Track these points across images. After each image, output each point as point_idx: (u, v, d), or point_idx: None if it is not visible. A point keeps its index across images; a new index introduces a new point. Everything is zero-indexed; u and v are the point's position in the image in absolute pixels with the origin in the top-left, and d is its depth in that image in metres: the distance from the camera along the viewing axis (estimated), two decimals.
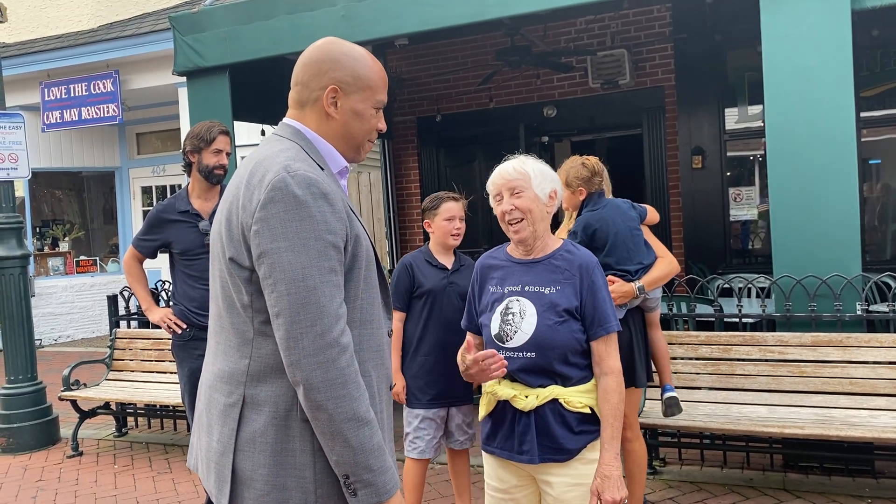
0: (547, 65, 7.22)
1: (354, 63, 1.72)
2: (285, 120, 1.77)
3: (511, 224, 2.28)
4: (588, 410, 2.23)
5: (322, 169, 1.66)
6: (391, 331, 1.82)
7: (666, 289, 4.71)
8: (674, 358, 4.27)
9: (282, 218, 1.53)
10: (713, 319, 4.59)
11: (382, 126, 1.79)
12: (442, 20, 4.92)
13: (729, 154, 7.49)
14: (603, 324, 2.22)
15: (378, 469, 1.56)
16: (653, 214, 3.84)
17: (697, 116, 7.46)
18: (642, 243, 3.46)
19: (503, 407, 2.27)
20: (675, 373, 4.25)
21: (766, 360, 4.08)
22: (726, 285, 5.16)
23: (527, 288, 2.27)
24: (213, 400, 1.69)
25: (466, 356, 2.23)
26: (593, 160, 3.55)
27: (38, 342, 10.40)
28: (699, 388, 4.21)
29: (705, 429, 3.88)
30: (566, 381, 2.22)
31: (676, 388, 4.21)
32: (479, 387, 2.41)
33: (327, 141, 1.73)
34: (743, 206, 7.48)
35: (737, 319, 4.41)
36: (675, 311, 4.59)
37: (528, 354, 2.21)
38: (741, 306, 4.37)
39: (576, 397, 2.21)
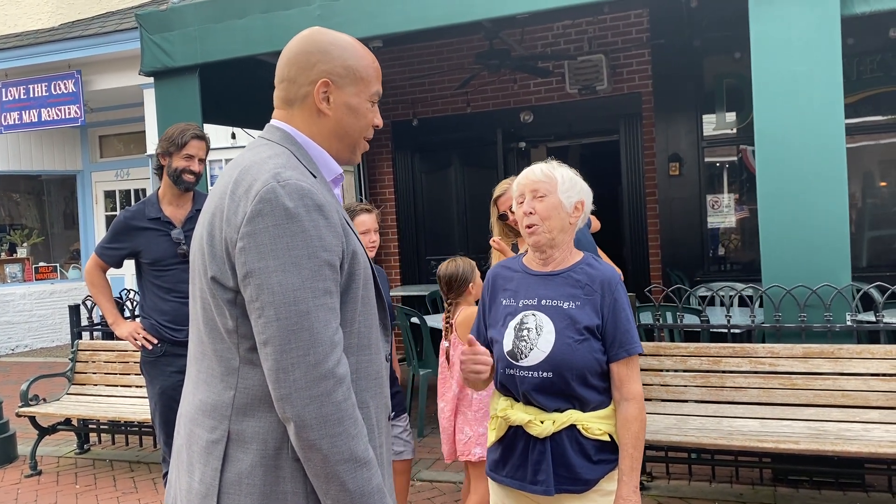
0: (525, 69, 7.11)
1: (344, 52, 1.55)
2: (273, 122, 1.58)
3: (527, 227, 2.12)
4: (607, 438, 2.06)
5: (315, 177, 1.48)
6: (389, 355, 1.65)
7: (650, 298, 4.63)
8: (662, 370, 4.17)
9: (271, 233, 1.35)
10: (699, 330, 4.50)
11: (379, 121, 1.62)
12: (423, 21, 4.77)
13: (706, 161, 7.46)
14: (625, 345, 2.06)
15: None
16: (595, 223, 3.81)
17: (675, 123, 7.41)
18: (593, 251, 3.43)
19: (514, 433, 2.10)
20: (664, 385, 4.15)
21: (757, 373, 3.99)
22: (711, 294, 5.09)
23: (544, 302, 2.10)
24: (194, 435, 1.50)
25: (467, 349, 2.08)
26: None
27: None
28: (688, 402, 4.11)
29: (699, 444, 3.76)
30: (584, 406, 2.06)
31: (665, 401, 4.12)
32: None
33: (320, 143, 1.56)
34: (720, 214, 7.44)
35: (725, 330, 4.32)
36: (661, 321, 4.49)
37: (545, 374, 2.03)
38: (730, 316, 4.28)
39: (595, 423, 2.05)
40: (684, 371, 4.15)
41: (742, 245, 7.44)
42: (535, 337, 2.06)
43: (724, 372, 4.06)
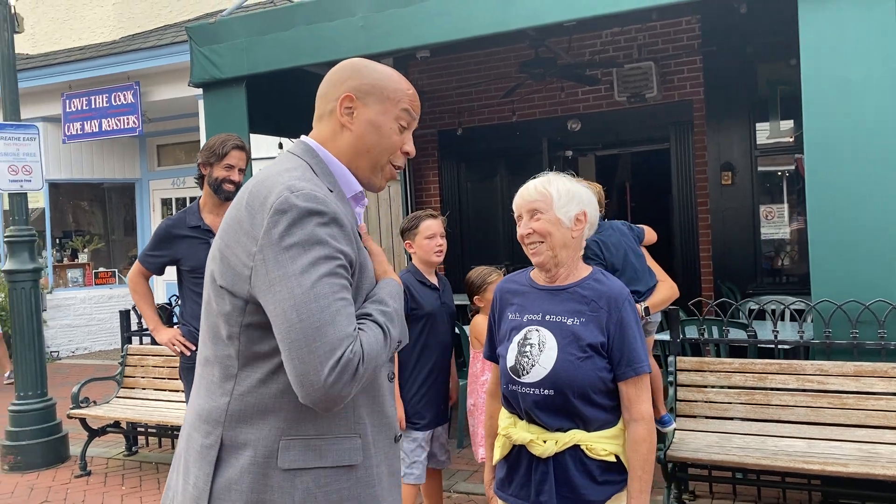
0: (572, 77, 7.04)
1: (375, 74, 1.57)
2: (301, 137, 1.62)
3: (529, 247, 2.08)
4: (613, 459, 2.00)
5: (332, 191, 1.49)
6: (392, 374, 1.63)
7: (696, 311, 4.51)
8: (705, 386, 4.05)
9: (287, 241, 1.37)
10: (746, 345, 4.35)
11: (409, 148, 1.60)
12: (464, 31, 4.76)
13: (760, 170, 7.25)
14: (633, 364, 1.99)
15: (397, 331, 1.52)
16: (650, 235, 3.74)
17: (727, 131, 7.23)
18: (646, 264, 3.36)
19: (518, 451, 2.06)
20: (707, 402, 4.03)
21: (805, 391, 3.84)
22: (760, 308, 4.92)
23: (548, 317, 2.05)
24: (191, 439, 1.53)
25: None
26: (599, 187, 3.48)
27: (55, 354, 10.39)
28: (732, 419, 3.97)
29: (740, 464, 3.64)
30: (589, 425, 2.00)
31: (708, 417, 4.00)
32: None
33: (342, 160, 1.57)
34: (774, 224, 7.22)
35: (772, 346, 4.17)
36: (706, 335, 4.36)
37: (546, 391, 1.98)
38: (777, 332, 4.14)
39: (599, 444, 1.99)
40: (728, 387, 4.02)
41: (798, 257, 7.19)
42: (538, 353, 2.01)
43: (769, 389, 3.91)
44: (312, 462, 1.45)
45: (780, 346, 4.15)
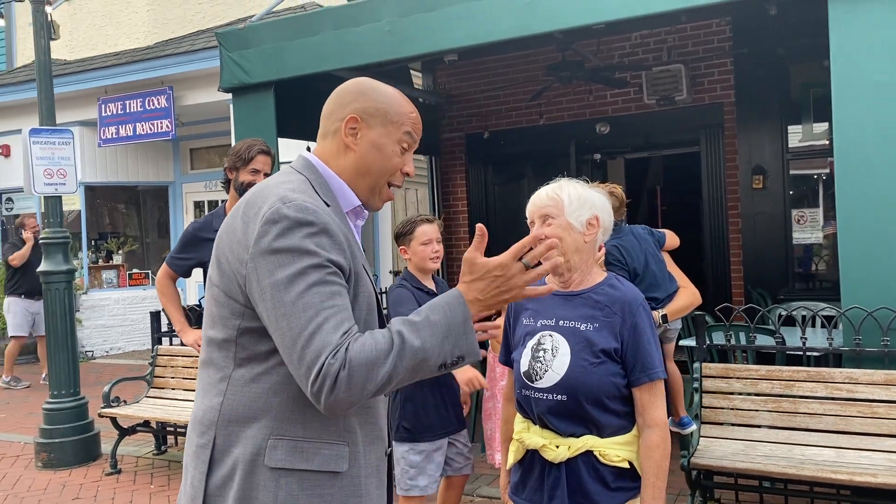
0: (600, 80, 7.00)
1: (380, 96, 1.61)
2: (302, 153, 1.68)
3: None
4: (626, 465, 1.99)
5: (329, 205, 1.54)
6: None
7: (723, 317, 4.46)
8: (731, 393, 3.99)
9: (277, 249, 1.42)
10: (774, 352, 4.29)
11: (409, 168, 1.64)
12: (489, 35, 4.77)
13: (792, 173, 7.13)
14: (646, 369, 1.98)
15: (442, 343, 1.43)
16: (672, 239, 3.70)
17: (758, 134, 7.13)
18: (666, 270, 3.33)
19: (532, 456, 2.07)
20: (733, 409, 3.97)
21: (834, 399, 3.76)
22: (789, 314, 4.84)
23: (561, 322, 2.06)
24: (189, 440, 1.60)
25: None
26: (620, 190, 3.45)
27: (89, 354, 10.59)
28: (759, 427, 3.91)
29: (766, 473, 3.58)
30: (602, 431, 2.00)
31: (734, 425, 3.94)
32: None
33: (342, 177, 1.61)
34: (807, 229, 7.09)
35: (800, 353, 4.10)
36: (732, 341, 4.31)
37: (559, 397, 1.99)
38: (805, 338, 4.07)
39: (613, 450, 1.98)
40: (755, 395, 3.96)
41: (832, 263, 7.05)
42: (551, 358, 2.02)
43: (797, 397, 3.85)
44: (298, 464, 1.48)
45: (808, 354, 4.08)
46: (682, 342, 5.27)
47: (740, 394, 4.00)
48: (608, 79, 7.01)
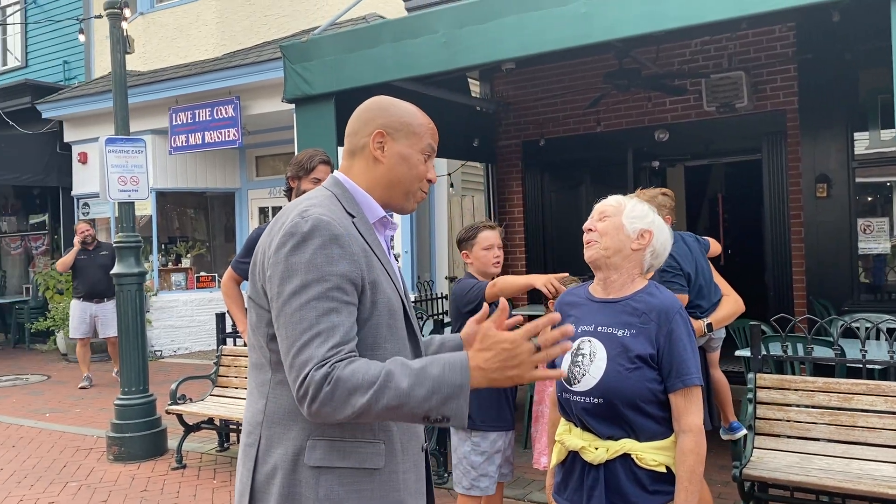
0: (658, 88, 6.96)
1: (401, 111, 1.74)
2: (333, 172, 1.81)
3: (586, 242, 2.20)
4: (664, 469, 2.04)
5: (353, 216, 1.65)
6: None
7: (780, 328, 4.39)
8: (787, 405, 3.94)
9: (288, 261, 1.54)
10: (833, 364, 4.21)
11: (432, 176, 1.77)
12: (544, 44, 4.81)
13: (858, 181, 6.94)
14: (681, 375, 2.03)
15: (429, 396, 1.46)
16: (715, 246, 3.69)
17: (823, 141, 6.96)
18: (712, 279, 3.32)
19: (573, 457, 2.14)
20: (788, 421, 3.92)
21: (894, 413, 3.68)
22: (848, 325, 4.73)
23: (599, 329, 2.13)
24: (241, 439, 1.73)
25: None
26: (670, 192, 3.47)
27: (158, 353, 11.01)
28: (816, 440, 3.85)
29: (820, 486, 3.53)
30: (639, 435, 2.05)
31: (789, 437, 3.89)
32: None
33: (372, 188, 1.73)
34: (873, 239, 6.90)
35: (860, 365, 4.01)
36: (790, 352, 4.24)
37: (596, 400, 2.07)
38: (865, 351, 3.98)
39: (650, 454, 2.03)
40: (811, 407, 3.90)
41: None
42: (589, 363, 2.09)
43: (855, 410, 3.77)
44: (336, 462, 1.59)
45: (868, 366, 4.00)
46: (737, 352, 5.21)
47: (796, 406, 3.94)
48: (666, 86, 6.96)
